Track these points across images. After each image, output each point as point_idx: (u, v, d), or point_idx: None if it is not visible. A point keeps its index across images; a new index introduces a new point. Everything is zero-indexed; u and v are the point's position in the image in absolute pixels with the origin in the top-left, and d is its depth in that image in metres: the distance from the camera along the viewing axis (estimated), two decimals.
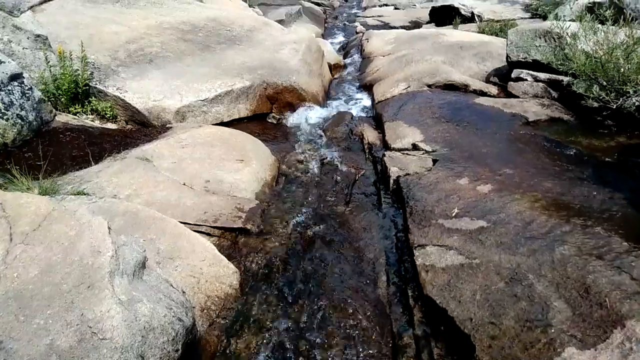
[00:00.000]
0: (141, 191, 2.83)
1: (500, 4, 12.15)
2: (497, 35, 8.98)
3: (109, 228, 1.68)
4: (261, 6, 11.16)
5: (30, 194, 1.96)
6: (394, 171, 3.20)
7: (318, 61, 6.10)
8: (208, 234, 2.70)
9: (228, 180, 3.20)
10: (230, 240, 2.71)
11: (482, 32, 9.52)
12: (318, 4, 15.51)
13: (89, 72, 4.18)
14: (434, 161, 3.26)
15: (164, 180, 3.00)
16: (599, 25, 4.04)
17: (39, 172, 2.93)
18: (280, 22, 9.34)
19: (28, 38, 3.90)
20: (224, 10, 6.89)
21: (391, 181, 3.16)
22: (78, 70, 4.08)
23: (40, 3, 5.06)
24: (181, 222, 2.66)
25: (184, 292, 1.93)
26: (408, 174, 3.13)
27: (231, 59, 5.07)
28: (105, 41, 4.74)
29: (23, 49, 3.86)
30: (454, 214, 2.57)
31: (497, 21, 10.58)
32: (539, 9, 10.98)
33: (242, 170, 3.35)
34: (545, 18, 10.42)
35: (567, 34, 4.07)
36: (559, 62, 3.97)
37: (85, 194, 2.66)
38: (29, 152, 3.27)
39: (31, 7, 4.84)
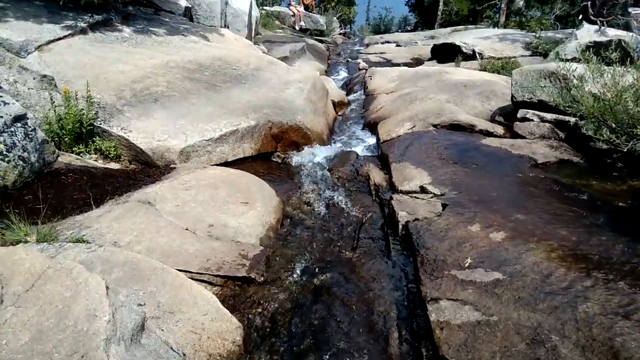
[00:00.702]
0: (142, 237, 2.73)
1: (501, 42, 12.32)
2: (498, 72, 9.07)
3: (107, 287, 1.58)
4: (266, 43, 11.34)
5: (25, 248, 1.87)
6: (402, 216, 3.12)
7: (323, 99, 6.11)
8: (211, 283, 2.59)
9: (232, 224, 3.11)
10: (234, 290, 2.60)
11: (484, 69, 9.61)
12: (321, 41, 15.81)
13: (94, 112, 4.16)
14: (444, 205, 3.17)
15: (166, 225, 2.92)
16: (606, 67, 4.04)
17: (38, 216, 2.86)
18: (284, 58, 9.47)
19: (34, 78, 3.90)
20: (230, 49, 6.96)
21: (400, 226, 3.07)
22: (83, 109, 4.06)
23: (48, 42, 5.10)
24: (183, 271, 2.56)
25: (184, 354, 1.81)
26: (417, 219, 3.04)
27: (237, 97, 5.07)
28: (111, 80, 4.74)
29: (28, 89, 3.85)
30: (467, 264, 2.47)
31: (499, 59, 10.70)
32: (539, 47, 11.13)
33: (247, 213, 3.27)
34: (545, 56, 10.55)
35: (574, 76, 4.05)
36: (567, 104, 3.94)
37: (84, 242, 2.57)
38: (29, 194, 3.20)
39: (39, 47, 4.88)
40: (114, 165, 4.07)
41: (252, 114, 4.78)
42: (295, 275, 2.77)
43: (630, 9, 10.69)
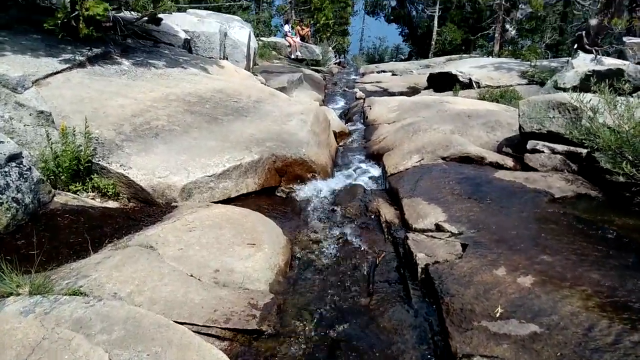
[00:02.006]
0: (144, 287, 2.53)
1: (497, 71, 12.40)
2: (497, 101, 9.06)
3: None
4: (263, 73, 11.33)
5: (18, 315, 1.67)
6: (421, 258, 2.94)
7: (325, 131, 6.00)
8: (219, 337, 2.38)
9: (239, 269, 2.92)
10: (244, 344, 2.39)
11: (483, 98, 9.61)
12: (317, 71, 15.87)
13: (92, 148, 4.00)
14: (463, 246, 3.00)
15: (169, 272, 2.72)
16: (618, 98, 3.95)
17: (32, 263, 2.65)
18: (282, 89, 9.42)
19: (30, 114, 3.75)
20: (231, 81, 6.89)
21: (419, 270, 2.88)
22: (81, 146, 3.91)
23: (46, 76, 4.99)
24: (189, 324, 2.36)
25: None
26: (437, 262, 2.86)
27: (239, 131, 4.93)
28: (110, 115, 4.61)
29: (24, 126, 3.69)
30: (498, 314, 2.28)
31: (497, 87, 10.74)
32: (536, 76, 11.19)
33: (254, 256, 3.08)
34: (542, 85, 10.59)
35: (587, 107, 3.95)
36: (583, 137, 3.82)
37: (82, 294, 2.37)
38: (22, 239, 3.00)
39: (36, 81, 4.76)
40: (112, 204, 3.88)
41: (255, 148, 4.63)
42: (309, 327, 2.56)
43: (624, 38, 10.82)
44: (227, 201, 4.19)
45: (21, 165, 3.19)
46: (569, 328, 2.10)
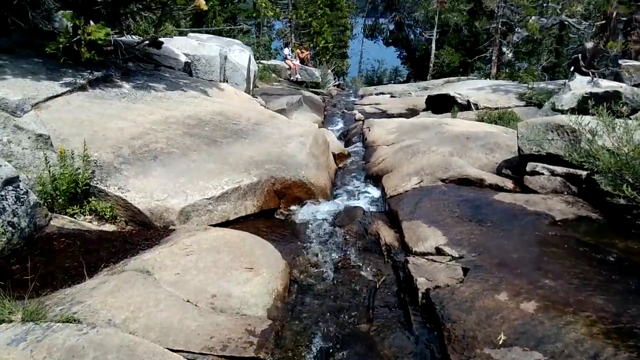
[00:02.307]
0: (140, 313, 2.48)
1: (495, 93, 12.49)
2: (496, 123, 9.10)
3: None
4: (263, 96, 11.40)
5: (7, 346, 1.63)
6: (421, 282, 2.89)
7: (325, 153, 6.01)
8: None
9: (236, 293, 2.87)
10: None
11: (481, 120, 9.66)
12: (317, 93, 15.99)
13: (90, 171, 3.98)
14: (464, 270, 2.96)
15: (165, 297, 2.67)
16: (617, 120, 3.96)
17: (26, 288, 2.61)
18: (282, 111, 9.48)
19: (29, 138, 3.75)
20: (230, 104, 6.92)
21: (419, 294, 2.84)
22: (79, 169, 3.89)
23: (46, 100, 5.01)
24: (185, 352, 2.31)
25: None
26: (438, 287, 2.81)
27: (238, 153, 4.93)
28: (109, 138, 4.61)
29: (23, 149, 3.69)
30: (501, 341, 2.23)
31: (495, 109, 10.81)
32: (533, 98, 11.27)
33: (252, 280, 3.03)
34: (540, 106, 10.66)
35: (586, 129, 3.96)
36: (583, 159, 3.82)
37: (75, 321, 2.32)
38: (17, 263, 2.96)
39: (36, 104, 4.78)
40: (109, 227, 3.85)
41: (254, 170, 4.62)
42: (307, 355, 2.51)
43: (620, 61, 10.95)
44: (226, 224, 4.16)
45: (18, 189, 3.17)
46: (573, 356, 2.05)
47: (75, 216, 3.82)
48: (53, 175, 3.75)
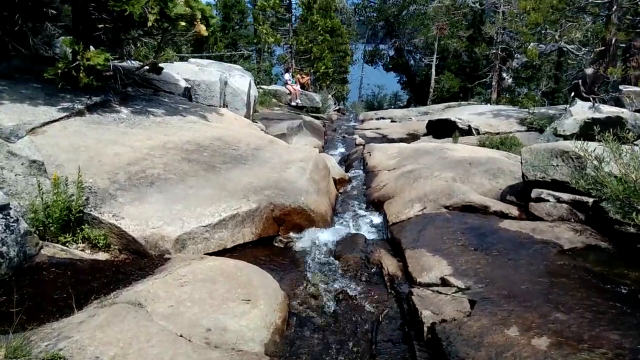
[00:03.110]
0: (129, 349, 2.34)
1: (496, 118, 12.50)
2: (498, 148, 9.06)
3: None
4: (263, 120, 11.41)
5: None
6: (427, 316, 2.76)
7: (325, 179, 5.92)
8: None
9: (232, 327, 2.73)
10: None
11: (483, 145, 9.62)
12: (317, 118, 16.03)
13: (84, 198, 3.89)
14: (471, 302, 2.83)
15: (157, 332, 2.53)
16: (624, 147, 3.88)
17: (11, 321, 2.47)
18: (282, 135, 9.46)
19: (22, 164, 3.67)
20: (230, 129, 6.88)
21: (425, 329, 2.70)
22: (73, 195, 3.79)
23: (43, 125, 4.94)
24: None
25: None
26: (444, 320, 2.68)
27: (237, 179, 4.84)
28: (105, 163, 4.53)
29: (15, 175, 3.60)
30: None
31: (496, 134, 10.79)
32: (534, 123, 11.26)
33: (249, 313, 2.89)
34: (541, 131, 10.63)
35: (592, 156, 3.87)
36: (590, 186, 3.72)
37: (60, 358, 2.18)
38: (3, 295, 2.82)
39: (32, 129, 4.72)
40: (102, 256, 3.73)
41: (253, 196, 4.52)
42: None
43: (621, 87, 10.97)
44: (223, 252, 4.04)
45: (8, 217, 3.07)
46: None
47: (67, 244, 3.71)
48: (46, 202, 3.65)
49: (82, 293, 2.93)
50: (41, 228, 3.62)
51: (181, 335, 2.57)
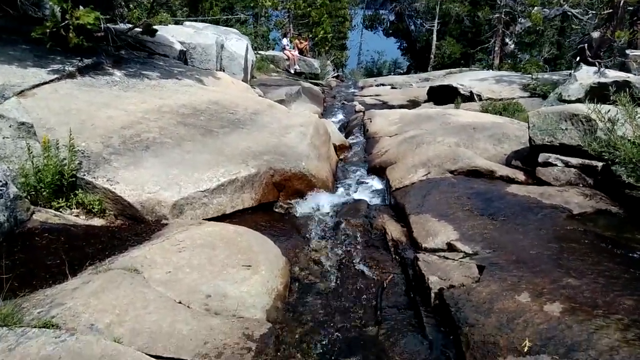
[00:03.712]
0: (126, 316, 2.25)
1: (498, 84, 12.24)
2: (500, 114, 8.85)
3: None
4: (261, 86, 11.14)
5: None
6: (433, 282, 2.67)
7: (326, 144, 5.77)
8: None
9: (233, 293, 2.64)
10: None
11: (485, 111, 9.41)
12: (316, 84, 15.72)
13: (77, 162, 3.74)
14: (480, 268, 2.73)
15: (155, 298, 2.44)
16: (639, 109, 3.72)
17: (1, 288, 2.38)
18: (280, 102, 9.21)
19: (10, 126, 3.50)
20: (227, 93, 6.66)
21: (432, 295, 2.61)
22: (65, 159, 3.64)
23: (32, 87, 4.74)
24: (176, 359, 2.09)
25: None
26: (452, 286, 2.59)
27: (235, 144, 4.68)
28: (98, 127, 4.36)
29: (3, 138, 3.44)
30: (526, 349, 2.01)
31: (499, 100, 10.56)
32: (537, 89, 11.02)
33: (250, 279, 2.80)
34: (544, 97, 10.41)
35: (605, 118, 3.72)
36: (603, 149, 3.59)
37: (53, 326, 2.09)
38: None
39: (21, 92, 4.52)
40: (97, 222, 3.61)
41: (252, 161, 4.38)
42: None
43: (627, 51, 10.69)
44: (222, 218, 3.93)
45: None
46: None
47: (60, 210, 3.58)
48: (37, 166, 3.50)
49: (76, 259, 2.82)
50: (33, 193, 3.48)
51: (180, 302, 2.48)
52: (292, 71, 16.52)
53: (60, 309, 2.22)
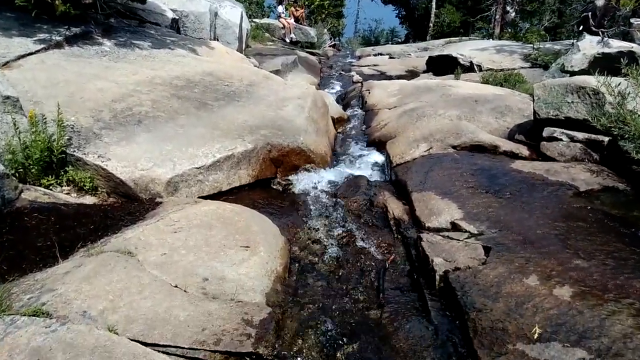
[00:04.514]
0: (120, 302, 2.16)
1: (499, 54, 11.98)
2: (501, 85, 8.65)
3: None
4: (257, 56, 10.85)
5: None
6: (438, 264, 2.58)
7: (324, 117, 5.61)
8: None
9: (231, 276, 2.56)
10: None
11: (486, 82, 9.20)
12: (312, 54, 15.38)
13: (67, 137, 3.59)
14: (486, 249, 2.65)
15: (150, 282, 2.35)
16: None
17: None
18: (276, 72, 8.98)
19: None
20: (222, 63, 6.44)
21: (437, 277, 2.53)
22: (54, 135, 3.49)
23: (18, 58, 4.54)
24: (172, 347, 2.01)
25: None
26: (458, 269, 2.51)
27: (231, 117, 4.53)
28: (87, 100, 4.18)
29: None
30: (536, 335, 1.94)
31: (500, 70, 10.33)
32: (539, 59, 10.78)
33: (248, 260, 2.71)
34: (546, 68, 10.20)
35: (615, 92, 3.58)
36: (612, 124, 3.47)
37: (44, 314, 1.99)
38: None
39: (6, 63, 4.33)
40: (89, 200, 3.49)
41: (249, 136, 4.24)
42: (312, 348, 2.21)
43: (632, 20, 10.41)
44: (218, 195, 3.82)
45: None
46: (624, 355, 1.76)
47: (50, 187, 3.46)
48: (24, 142, 3.36)
49: (67, 240, 2.72)
50: (21, 170, 3.35)
51: (176, 286, 2.40)
52: (288, 40, 16.12)
53: (51, 295, 2.13)
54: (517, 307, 2.12)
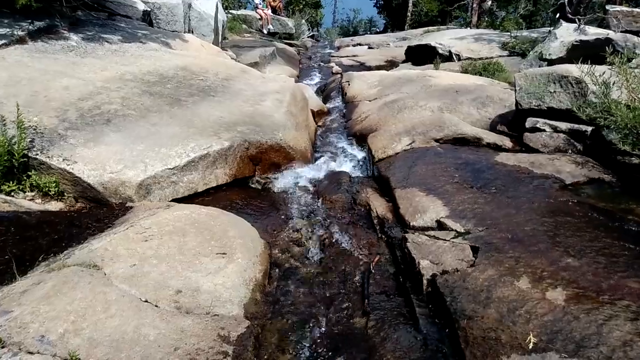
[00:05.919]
0: (83, 323, 1.98)
1: (477, 43, 11.95)
2: (480, 74, 8.60)
3: None
4: (234, 48, 10.59)
5: None
6: (425, 267, 2.46)
7: (304, 111, 5.44)
8: None
9: (206, 287, 2.39)
10: None
11: (465, 71, 9.16)
12: (291, 45, 15.16)
13: (29, 140, 3.36)
14: (474, 249, 2.54)
15: (117, 298, 2.17)
16: (632, 70, 3.51)
17: None
18: (254, 64, 8.78)
19: None
20: (196, 57, 6.19)
21: (424, 281, 2.41)
22: (15, 137, 3.26)
23: None
24: None
25: None
26: (446, 272, 2.39)
27: (206, 114, 4.32)
28: (52, 99, 3.93)
29: None
30: (530, 345, 1.84)
31: (478, 59, 10.29)
32: (516, 47, 10.79)
33: (225, 269, 2.55)
34: (524, 56, 10.20)
35: (599, 81, 3.50)
36: (597, 114, 3.39)
37: None
38: None
39: None
40: (54, 206, 3.27)
41: (225, 134, 4.05)
42: None
43: (607, 6, 10.46)
44: (194, 196, 3.64)
45: None
46: None
47: (12, 194, 3.23)
48: None
49: (28, 253, 2.51)
50: None
51: (146, 301, 2.22)
52: (266, 31, 15.84)
53: (4, 318, 1.93)
54: (509, 314, 2.01)
